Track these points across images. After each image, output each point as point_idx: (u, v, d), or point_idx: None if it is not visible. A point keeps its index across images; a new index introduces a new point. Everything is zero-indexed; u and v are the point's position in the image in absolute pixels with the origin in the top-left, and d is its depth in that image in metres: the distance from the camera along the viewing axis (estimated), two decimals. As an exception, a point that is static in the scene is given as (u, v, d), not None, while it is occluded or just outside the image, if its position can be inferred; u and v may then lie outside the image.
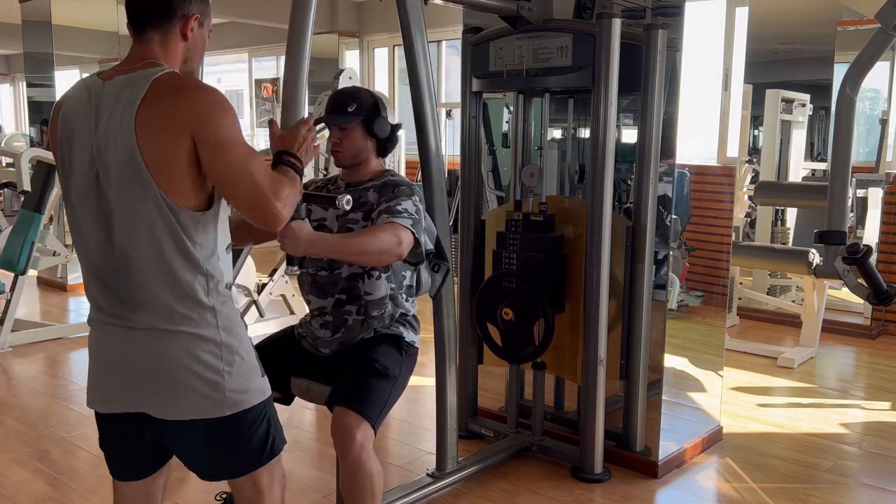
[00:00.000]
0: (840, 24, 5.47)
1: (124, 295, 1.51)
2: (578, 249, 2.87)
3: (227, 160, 1.44)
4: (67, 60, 6.72)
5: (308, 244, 1.91)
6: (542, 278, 2.83)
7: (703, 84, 3.28)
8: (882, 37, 3.06)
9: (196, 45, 1.59)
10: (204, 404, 1.52)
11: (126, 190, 1.45)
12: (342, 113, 2.23)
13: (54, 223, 6.23)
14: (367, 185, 2.26)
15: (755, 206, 5.35)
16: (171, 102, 1.43)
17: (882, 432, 3.49)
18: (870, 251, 3.16)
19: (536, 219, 2.89)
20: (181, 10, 1.53)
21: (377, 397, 2.10)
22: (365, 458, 2.02)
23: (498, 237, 2.98)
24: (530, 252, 2.88)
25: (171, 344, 1.50)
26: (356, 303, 2.22)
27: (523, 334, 2.88)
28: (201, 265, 1.50)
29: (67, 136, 1.51)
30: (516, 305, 2.86)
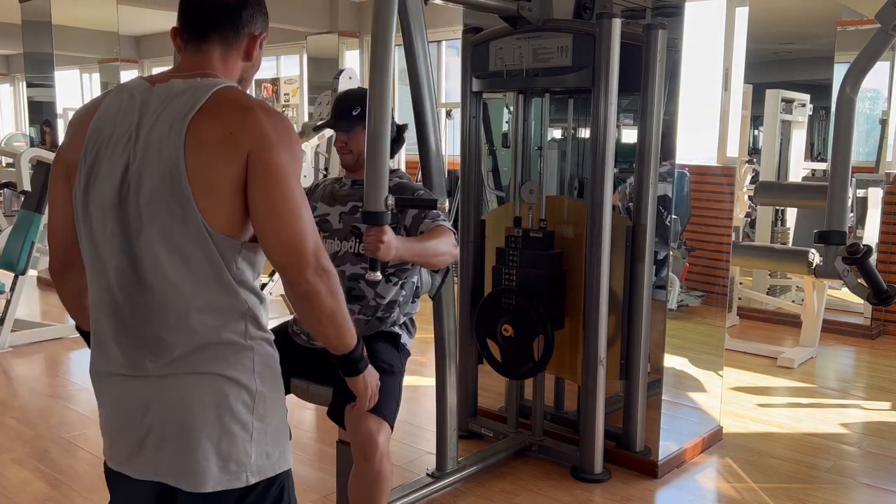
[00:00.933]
0: (840, 24, 5.47)
1: (146, 335, 1.29)
2: (578, 249, 2.87)
3: (275, 195, 1.25)
4: (67, 60, 6.72)
5: (397, 248, 1.95)
6: (541, 295, 2.84)
7: (703, 84, 3.28)
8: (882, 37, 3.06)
9: (254, 67, 1.43)
10: (225, 471, 1.30)
11: (160, 207, 1.25)
12: (347, 117, 2.22)
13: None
14: None
15: (755, 206, 5.35)
16: (234, 119, 1.25)
17: (882, 432, 3.49)
18: (870, 251, 3.15)
19: (536, 235, 2.89)
20: (249, 28, 1.37)
21: (390, 396, 2.10)
22: (385, 463, 2.02)
23: (497, 253, 2.98)
24: (530, 269, 2.88)
25: (197, 386, 1.28)
26: (359, 302, 2.22)
27: (523, 351, 2.88)
28: (241, 299, 1.30)
29: (98, 142, 1.30)
30: (516, 322, 2.86)
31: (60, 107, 6.67)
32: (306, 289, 1.29)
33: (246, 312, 1.31)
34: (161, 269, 1.27)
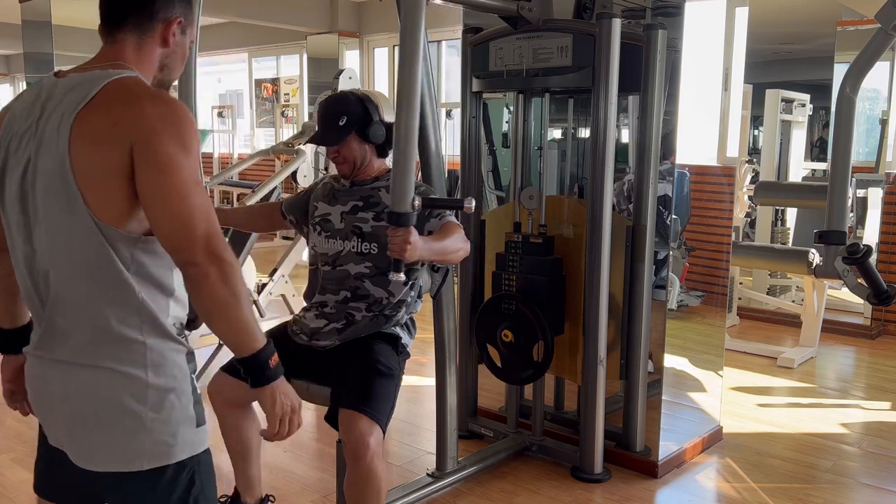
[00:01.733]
0: (840, 24, 5.47)
1: (51, 321, 1.33)
2: (578, 250, 2.87)
3: (160, 183, 1.24)
4: (67, 60, 6.70)
5: (422, 249, 1.97)
6: (541, 301, 2.84)
7: (703, 84, 3.28)
8: (882, 37, 3.06)
9: (176, 53, 1.43)
10: (122, 454, 1.32)
11: (52, 201, 1.28)
12: (333, 129, 2.21)
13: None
14: (378, 185, 2.26)
15: (755, 206, 5.35)
16: (119, 109, 1.26)
17: (882, 432, 3.49)
18: (870, 251, 3.16)
19: (536, 241, 2.89)
20: (164, 13, 1.38)
21: (384, 398, 2.10)
22: (377, 464, 2.02)
23: (497, 259, 2.98)
24: (529, 274, 2.88)
25: (89, 381, 1.32)
26: (364, 301, 2.22)
27: (523, 356, 2.88)
28: (134, 293, 1.30)
29: (9, 136, 1.34)
30: (516, 328, 2.86)
31: (60, 107, 6.67)
32: (194, 272, 1.27)
33: (140, 305, 1.31)
34: (55, 259, 1.31)
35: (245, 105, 10.60)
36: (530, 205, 2.90)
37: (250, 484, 2.37)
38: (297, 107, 9.41)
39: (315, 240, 2.33)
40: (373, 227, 2.21)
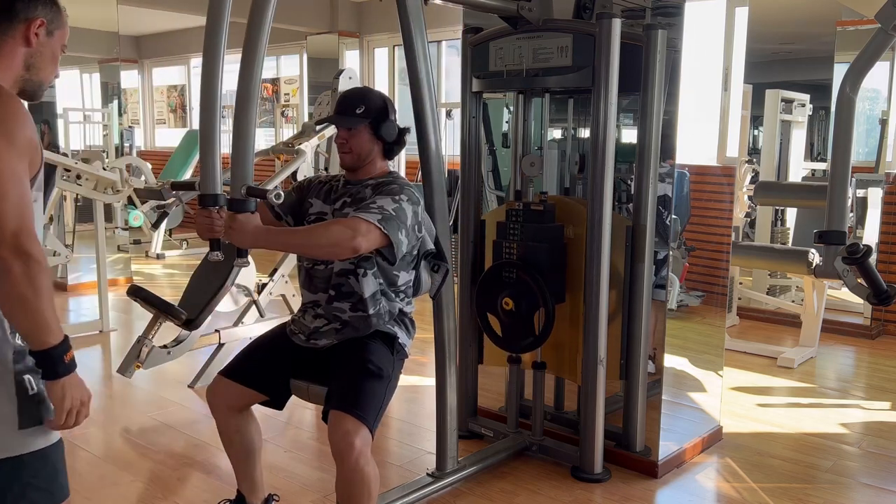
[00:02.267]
0: (840, 24, 5.47)
1: None
2: (579, 249, 2.87)
3: None
4: (67, 60, 6.70)
5: (254, 237, 1.99)
6: (542, 267, 2.83)
7: (703, 84, 3.28)
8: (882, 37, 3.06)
9: (42, 54, 1.48)
10: None
11: None
12: (350, 114, 2.22)
13: (54, 223, 6.23)
14: (367, 183, 2.26)
15: (755, 206, 5.35)
16: None
17: (882, 432, 3.49)
18: (869, 251, 3.15)
19: (537, 208, 2.89)
20: (25, 13, 1.43)
21: (372, 399, 2.09)
22: (363, 464, 2.01)
23: (498, 227, 2.98)
24: (531, 241, 2.87)
25: None
26: (348, 300, 2.21)
27: (524, 324, 2.87)
28: None
29: None
30: (517, 295, 2.85)
31: (60, 107, 6.67)
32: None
33: None
34: None
35: (245, 105, 10.58)
36: (531, 171, 2.89)
37: (254, 486, 2.37)
38: (297, 107, 9.41)
39: None
40: None
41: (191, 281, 3.84)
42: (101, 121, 7.58)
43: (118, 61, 7.14)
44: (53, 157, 4.83)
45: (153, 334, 3.48)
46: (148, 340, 3.47)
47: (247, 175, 2.01)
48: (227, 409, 2.26)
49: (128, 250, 7.42)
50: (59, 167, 4.81)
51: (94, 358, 4.65)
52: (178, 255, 8.11)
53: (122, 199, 5.41)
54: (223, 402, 2.25)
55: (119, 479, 2.93)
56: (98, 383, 4.17)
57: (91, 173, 4.92)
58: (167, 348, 3.72)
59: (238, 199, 1.99)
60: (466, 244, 3.18)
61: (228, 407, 2.25)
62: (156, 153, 10.98)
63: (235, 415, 2.27)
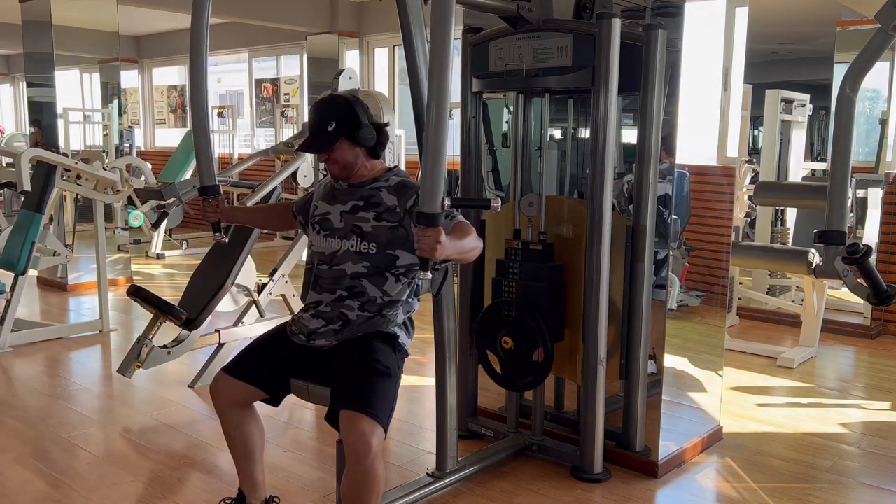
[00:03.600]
0: (840, 24, 5.47)
1: None
2: (578, 250, 2.87)
3: None
4: (67, 60, 6.71)
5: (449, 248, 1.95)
6: (541, 307, 2.84)
7: (703, 84, 3.28)
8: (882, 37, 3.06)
9: None
10: None
11: None
12: (322, 135, 2.20)
13: (54, 223, 6.23)
14: (378, 186, 2.26)
15: (755, 206, 5.35)
16: None
17: (882, 432, 3.49)
18: (870, 251, 3.15)
19: (536, 248, 2.89)
20: None
21: (385, 399, 2.09)
22: (378, 465, 2.01)
23: (497, 265, 2.98)
24: (530, 281, 2.88)
25: None
26: (359, 299, 2.22)
27: (523, 362, 2.88)
28: None
29: None
30: (516, 334, 2.86)
31: (60, 107, 6.67)
32: None
33: None
34: None
35: (245, 105, 10.59)
36: (530, 212, 2.90)
37: (255, 485, 2.37)
38: (297, 107, 9.41)
39: (313, 238, 2.33)
40: (373, 227, 2.21)
41: (191, 281, 3.85)
42: (101, 121, 7.58)
43: (118, 61, 7.13)
44: (53, 157, 4.83)
45: (153, 334, 3.48)
46: (148, 340, 3.47)
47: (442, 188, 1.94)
48: (229, 406, 2.27)
49: (128, 250, 7.42)
50: (59, 167, 4.81)
51: (94, 358, 4.65)
52: (178, 255, 8.11)
53: (122, 199, 5.41)
54: (225, 397, 2.26)
55: (119, 479, 2.93)
56: (98, 383, 4.17)
57: (91, 173, 4.92)
58: (167, 348, 3.72)
59: (435, 214, 1.92)
60: (466, 244, 3.18)
61: (230, 403, 2.26)
62: (156, 153, 10.98)
63: (237, 411, 2.28)
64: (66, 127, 7.28)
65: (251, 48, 10.01)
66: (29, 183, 4.59)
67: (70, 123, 7.45)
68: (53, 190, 4.86)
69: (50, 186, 4.79)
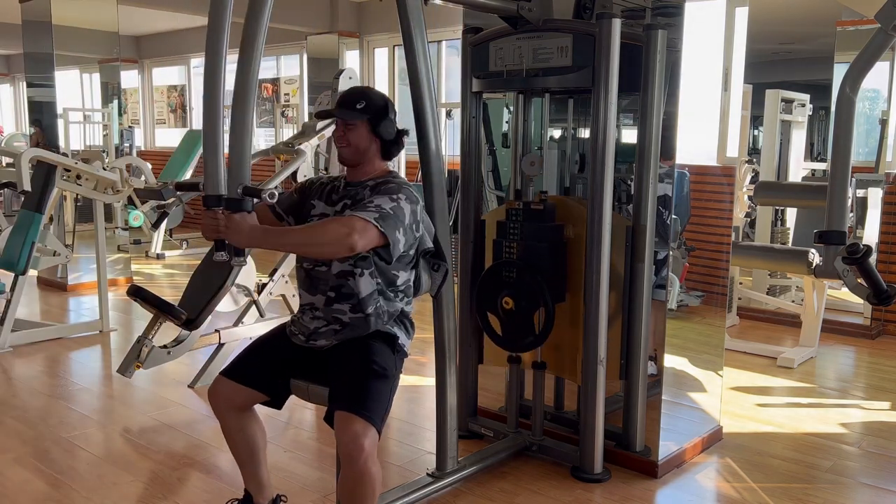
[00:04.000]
0: (840, 24, 5.47)
1: None
2: (579, 250, 2.87)
3: None
4: (67, 60, 6.71)
5: (250, 236, 1.99)
6: (542, 267, 2.83)
7: (703, 84, 3.28)
8: (882, 37, 3.06)
9: None
10: None
11: None
12: (350, 109, 2.22)
13: (54, 223, 6.23)
14: (366, 184, 2.26)
15: (755, 206, 5.35)
16: None
17: (882, 432, 3.49)
18: (869, 251, 3.16)
19: (537, 208, 2.89)
20: None
21: (379, 400, 2.09)
22: (371, 466, 2.01)
23: (498, 226, 2.98)
24: (530, 241, 2.87)
25: None
26: (348, 301, 2.21)
27: (524, 323, 2.87)
28: None
29: None
30: (517, 294, 2.85)
31: (60, 107, 6.67)
32: None
33: None
34: None
35: (245, 105, 10.57)
36: (531, 171, 2.89)
37: (260, 485, 2.37)
38: (297, 107, 9.41)
39: None
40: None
41: (191, 281, 3.84)
42: (101, 121, 7.58)
43: (118, 61, 7.13)
44: (53, 157, 4.83)
45: (153, 334, 3.47)
46: (148, 340, 3.47)
47: (244, 175, 2.02)
48: (229, 409, 2.26)
49: (128, 250, 7.42)
50: (59, 167, 4.81)
51: (94, 358, 4.65)
52: (178, 255, 8.11)
53: (122, 199, 5.41)
54: (224, 401, 2.25)
55: (119, 479, 2.93)
56: (98, 383, 4.17)
57: (91, 173, 4.92)
58: (167, 348, 3.72)
59: (234, 199, 1.99)
60: (466, 244, 3.18)
61: (230, 407, 2.26)
62: (156, 153, 10.97)
63: (237, 414, 2.27)
64: (66, 127, 7.28)
65: (251, 48, 9.99)
66: (29, 183, 4.59)
67: (70, 123, 7.44)
68: (53, 190, 4.86)
69: (50, 186, 4.79)
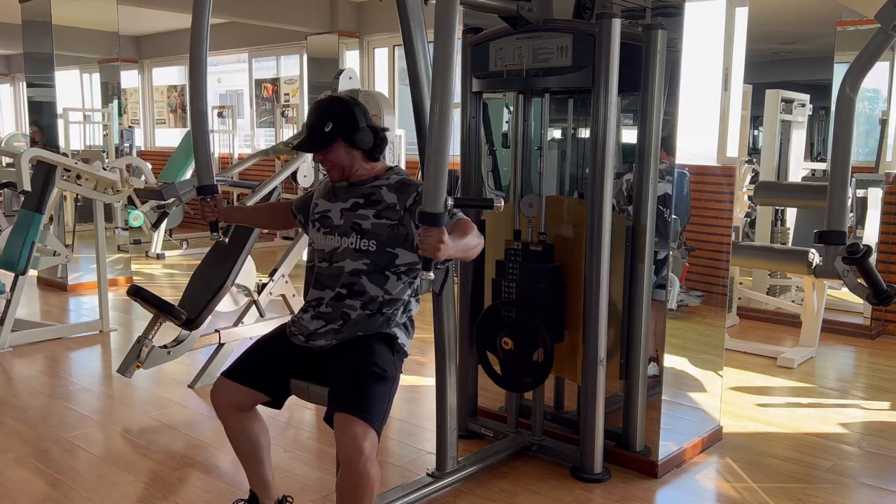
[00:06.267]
0: (840, 24, 5.47)
1: None
2: (578, 250, 2.87)
3: None
4: (67, 60, 6.71)
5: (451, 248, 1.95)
6: (541, 308, 2.84)
7: (703, 84, 3.28)
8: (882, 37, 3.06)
9: None
10: None
11: None
12: (319, 135, 2.20)
13: (54, 223, 6.23)
14: (378, 184, 2.26)
15: (755, 206, 5.35)
16: None
17: (882, 432, 3.49)
18: (869, 251, 3.15)
19: (535, 249, 2.89)
20: None
21: (379, 402, 2.09)
22: (370, 468, 2.01)
23: (497, 266, 2.98)
24: (529, 282, 2.88)
25: None
26: (359, 298, 2.21)
27: (523, 363, 2.88)
28: None
29: None
30: (515, 335, 2.87)
31: (61, 107, 6.67)
32: None
33: None
34: None
35: (245, 105, 10.59)
36: (530, 212, 2.90)
37: (265, 485, 2.38)
38: (298, 107, 9.41)
39: (313, 236, 2.33)
40: (373, 225, 2.21)
41: (191, 281, 3.85)
42: (101, 121, 7.58)
43: (118, 61, 7.13)
44: (53, 157, 4.83)
45: (153, 334, 3.48)
46: (148, 340, 3.47)
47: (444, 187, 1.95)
48: (231, 410, 2.26)
49: (128, 250, 7.42)
50: (59, 167, 4.81)
51: (94, 358, 4.65)
52: (178, 255, 8.11)
53: (122, 199, 5.41)
54: (226, 403, 2.25)
55: (119, 479, 2.93)
56: (98, 383, 4.17)
57: (91, 173, 4.92)
58: (167, 348, 3.72)
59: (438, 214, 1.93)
60: (466, 244, 3.18)
61: (231, 408, 2.26)
62: (156, 153, 10.98)
63: (239, 415, 2.27)
64: (66, 127, 7.28)
65: (251, 48, 10.00)
66: (29, 183, 4.59)
67: (70, 123, 7.45)
68: (53, 190, 4.86)
69: (50, 186, 4.79)
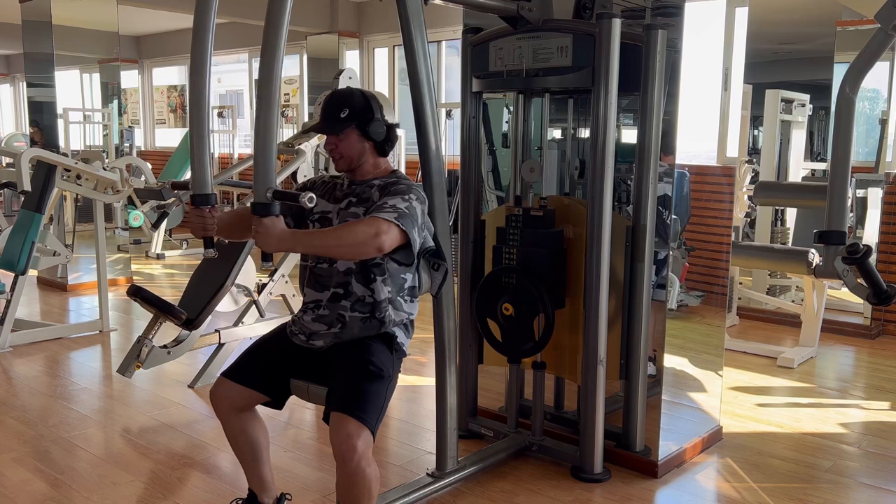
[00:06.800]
0: (840, 24, 5.47)
1: None
2: (579, 249, 2.87)
3: None
4: (67, 60, 6.71)
5: (280, 240, 1.99)
6: (542, 273, 2.83)
7: (703, 84, 3.28)
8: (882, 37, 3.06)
9: None
10: None
11: None
12: (335, 120, 2.20)
13: (54, 223, 6.24)
14: (373, 184, 2.26)
15: (755, 206, 5.35)
16: None
17: (882, 432, 3.49)
18: (869, 251, 3.15)
19: (536, 214, 2.89)
20: None
21: (374, 401, 2.09)
22: (364, 466, 2.01)
23: (498, 232, 2.98)
24: (530, 247, 2.87)
25: None
26: (350, 298, 2.21)
27: (523, 329, 2.87)
28: None
29: None
30: (516, 300, 2.85)
31: (61, 107, 6.68)
32: None
33: None
34: None
35: (245, 105, 10.59)
36: (531, 177, 2.89)
37: (265, 485, 2.38)
38: (298, 107, 9.41)
39: None
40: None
41: (191, 281, 3.85)
42: (101, 121, 7.58)
43: (118, 61, 7.13)
44: (53, 157, 4.83)
45: (153, 334, 3.48)
46: (148, 340, 3.47)
47: (270, 178, 1.99)
48: (230, 410, 2.26)
49: (128, 250, 7.42)
50: (59, 167, 4.81)
51: (94, 358, 4.65)
52: (178, 255, 8.11)
53: (122, 199, 5.41)
54: (226, 403, 2.25)
55: (119, 479, 2.93)
56: (98, 383, 4.17)
57: (91, 173, 4.92)
58: (167, 348, 3.72)
59: (262, 203, 1.97)
60: (466, 244, 3.18)
61: (231, 408, 2.26)
62: (156, 153, 10.98)
63: (239, 415, 2.27)
64: (66, 127, 7.28)
65: (251, 48, 10.00)
66: (29, 183, 4.59)
67: (70, 123, 7.45)
68: (53, 190, 4.86)
69: (50, 186, 4.79)
